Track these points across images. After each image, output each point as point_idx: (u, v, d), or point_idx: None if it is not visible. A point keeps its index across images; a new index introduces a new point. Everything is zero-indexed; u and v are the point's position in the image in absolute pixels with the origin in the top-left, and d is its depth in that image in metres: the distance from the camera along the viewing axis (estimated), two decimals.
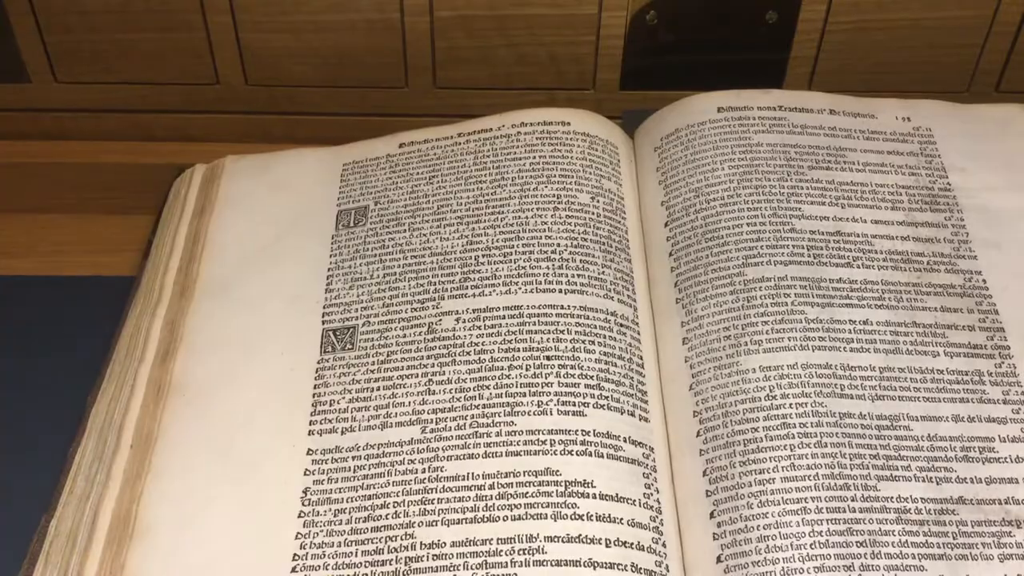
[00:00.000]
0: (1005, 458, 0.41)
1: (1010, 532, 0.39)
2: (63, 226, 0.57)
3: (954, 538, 0.39)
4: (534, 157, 0.50)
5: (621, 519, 0.38)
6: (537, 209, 0.48)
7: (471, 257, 0.46)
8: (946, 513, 0.39)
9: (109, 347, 0.46)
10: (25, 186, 0.57)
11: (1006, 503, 0.39)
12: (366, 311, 0.45)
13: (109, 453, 0.42)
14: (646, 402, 0.43)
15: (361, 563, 0.38)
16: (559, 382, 0.42)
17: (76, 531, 0.40)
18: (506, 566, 0.37)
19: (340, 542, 0.39)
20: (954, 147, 0.51)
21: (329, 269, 0.47)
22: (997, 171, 0.50)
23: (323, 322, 0.45)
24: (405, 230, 0.48)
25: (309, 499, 0.40)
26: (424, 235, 0.48)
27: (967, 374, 0.43)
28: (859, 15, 0.55)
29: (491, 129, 0.52)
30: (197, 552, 0.39)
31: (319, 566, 0.38)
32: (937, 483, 0.40)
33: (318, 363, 0.44)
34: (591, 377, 0.42)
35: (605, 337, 0.44)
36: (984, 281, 0.46)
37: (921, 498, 0.39)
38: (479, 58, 0.55)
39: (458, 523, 0.38)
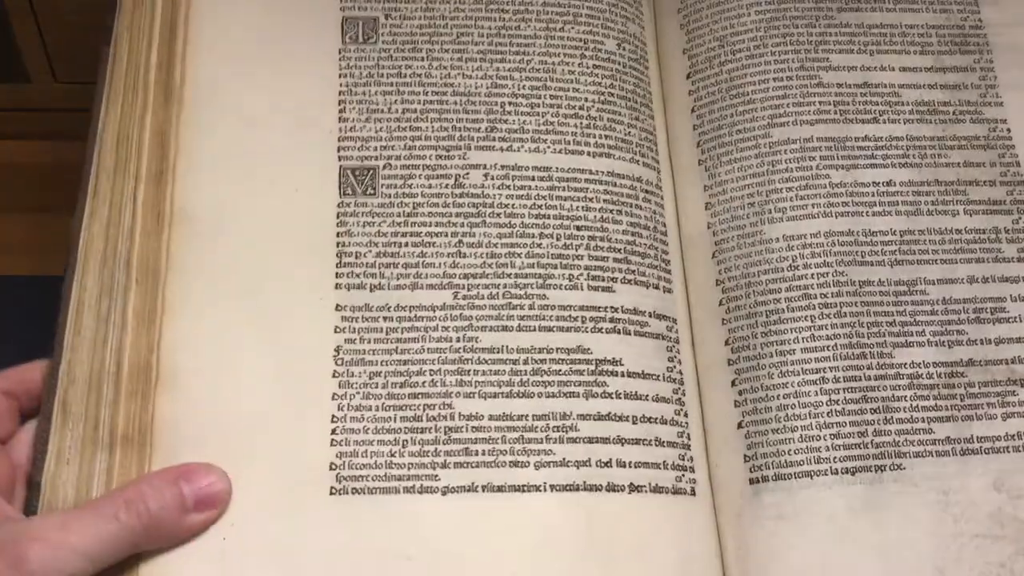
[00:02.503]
0: (1015, 317, 0.43)
1: (1014, 391, 0.41)
2: (63, 226, 0.54)
3: (961, 400, 0.41)
4: None
5: (646, 395, 0.41)
6: (564, 55, 0.46)
7: (497, 103, 0.45)
8: (955, 376, 0.41)
9: (87, 151, 0.43)
10: (25, 186, 0.56)
11: (1012, 363, 0.42)
12: (386, 151, 0.44)
13: (120, 289, 0.40)
14: (669, 272, 0.44)
15: (401, 428, 0.39)
16: (589, 255, 0.42)
17: (99, 379, 0.39)
18: (541, 442, 0.39)
19: (378, 406, 0.39)
20: None
21: (341, 93, 0.45)
22: None
23: (339, 157, 0.43)
24: (423, 58, 0.46)
25: (342, 359, 0.40)
26: (445, 68, 0.46)
27: (984, 232, 0.44)
28: None
29: None
30: (230, 405, 0.39)
31: (359, 429, 0.39)
32: (949, 347, 0.42)
33: (339, 206, 0.43)
34: (619, 250, 0.43)
35: (632, 206, 0.44)
36: (1008, 131, 0.46)
37: (933, 363, 0.42)
38: None
39: (495, 397, 0.40)
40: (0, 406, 0.38)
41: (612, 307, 0.42)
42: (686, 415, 0.41)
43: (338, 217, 0.42)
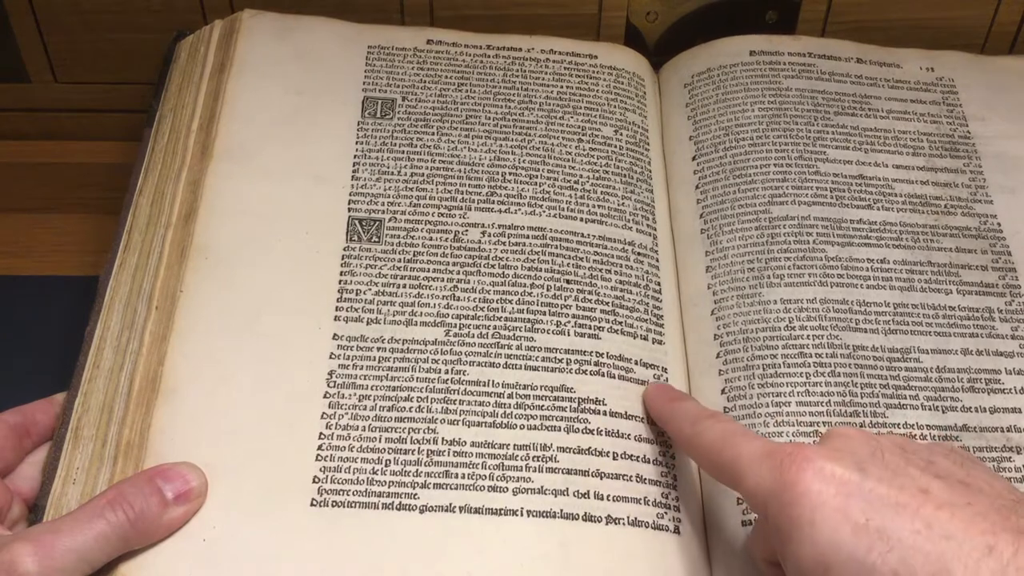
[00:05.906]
0: (1010, 389, 0.43)
1: (1010, 457, 0.41)
2: (63, 226, 0.56)
3: None
4: (561, 87, 0.52)
5: (628, 435, 0.41)
6: (562, 138, 0.50)
7: (498, 173, 0.48)
8: (950, 439, 0.41)
9: (121, 215, 0.46)
10: (25, 186, 0.56)
11: (1008, 431, 0.42)
12: (393, 206, 0.46)
13: (140, 321, 0.42)
14: (661, 326, 0.45)
15: (385, 448, 0.39)
16: (577, 305, 0.44)
17: (112, 402, 0.40)
18: (520, 469, 0.39)
19: (365, 427, 0.40)
20: (975, 97, 0.53)
21: (356, 156, 0.48)
22: (1015, 120, 0.51)
23: (349, 209, 0.46)
24: (433, 133, 0.49)
25: (334, 381, 0.41)
26: (452, 142, 0.49)
27: (978, 311, 0.45)
28: (859, 15, 0.55)
29: (521, 49, 0.53)
30: (222, 418, 0.39)
31: (344, 447, 0.39)
32: (943, 411, 0.42)
33: (344, 250, 0.45)
34: (607, 303, 0.44)
35: (622, 266, 0.46)
36: (999, 224, 0.48)
37: (927, 425, 0.42)
38: None
39: (478, 425, 0.40)
40: (8, 439, 0.39)
41: (597, 352, 0.43)
42: (673, 456, 0.41)
43: (343, 259, 0.45)
